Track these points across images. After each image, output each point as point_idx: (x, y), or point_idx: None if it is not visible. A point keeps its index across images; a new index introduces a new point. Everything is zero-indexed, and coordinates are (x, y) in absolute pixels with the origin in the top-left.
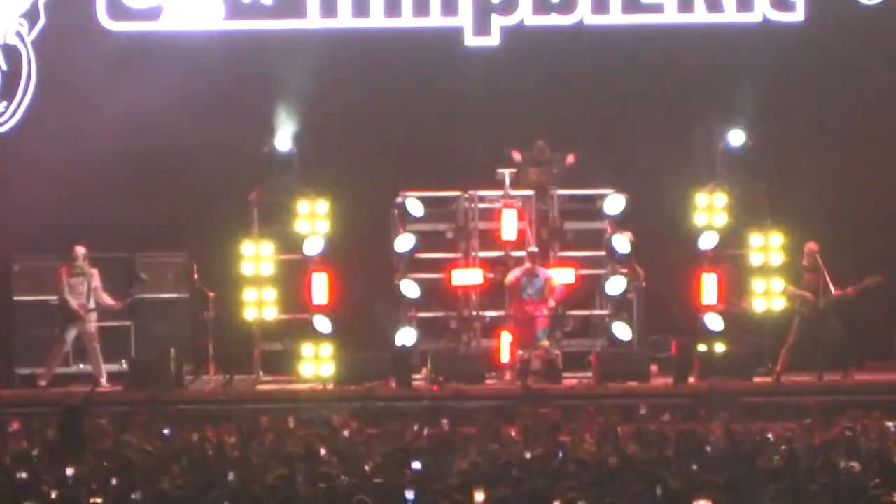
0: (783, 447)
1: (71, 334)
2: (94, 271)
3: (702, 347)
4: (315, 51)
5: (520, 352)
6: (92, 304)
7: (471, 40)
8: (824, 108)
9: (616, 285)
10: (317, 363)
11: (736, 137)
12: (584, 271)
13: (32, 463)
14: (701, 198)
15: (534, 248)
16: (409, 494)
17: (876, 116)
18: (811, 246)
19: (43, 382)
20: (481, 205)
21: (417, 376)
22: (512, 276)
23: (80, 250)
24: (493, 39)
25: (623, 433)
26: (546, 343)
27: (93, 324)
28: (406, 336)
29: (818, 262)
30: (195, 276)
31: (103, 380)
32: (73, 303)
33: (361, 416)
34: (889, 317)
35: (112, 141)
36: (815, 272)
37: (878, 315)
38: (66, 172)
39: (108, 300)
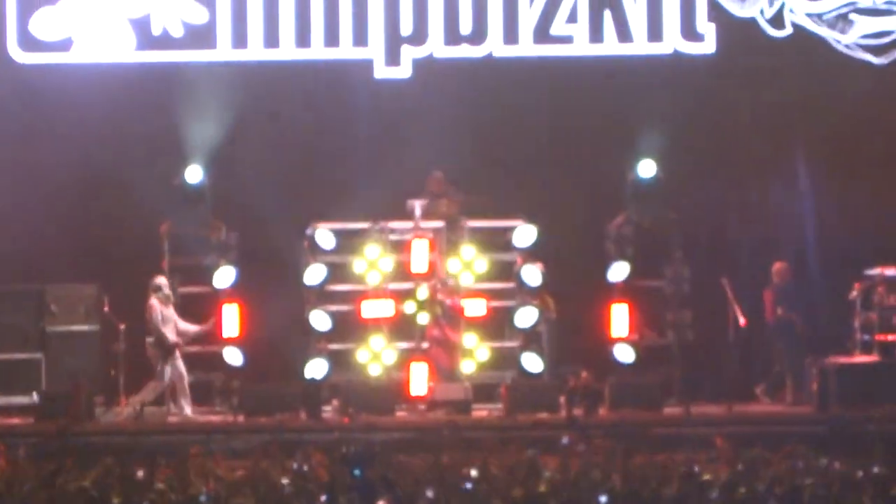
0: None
1: (168, 370)
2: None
3: (612, 379)
4: (226, 82)
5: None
6: (179, 340)
7: (381, 72)
8: (733, 140)
9: (526, 317)
10: (227, 395)
11: (646, 169)
12: (494, 303)
13: None
14: (611, 229)
15: (450, 279)
16: None
17: (785, 148)
18: (779, 266)
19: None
20: (392, 236)
21: (327, 408)
22: (449, 298)
23: (164, 280)
24: (403, 71)
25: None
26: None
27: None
28: (316, 368)
29: (728, 295)
30: (106, 308)
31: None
32: (170, 336)
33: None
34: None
35: (22, 173)
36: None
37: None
38: None
39: (188, 328)
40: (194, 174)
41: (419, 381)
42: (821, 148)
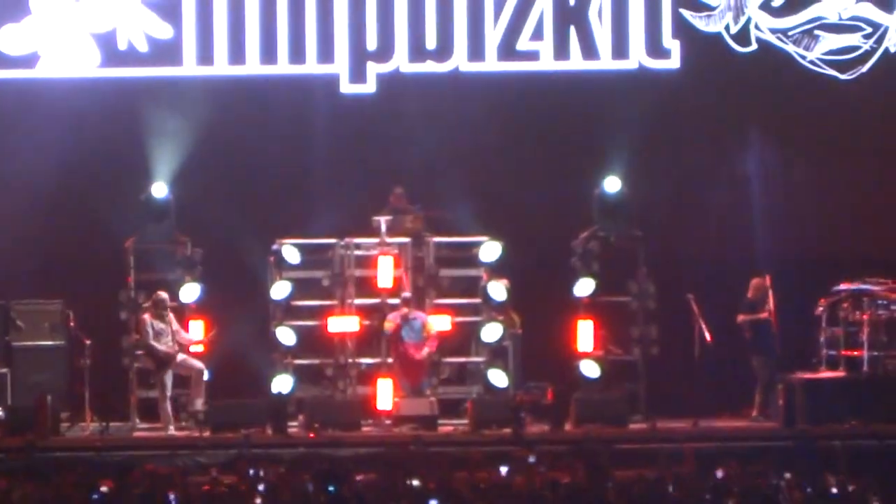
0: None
1: (167, 378)
2: (170, 315)
3: (577, 394)
4: (192, 98)
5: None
6: (175, 349)
7: (347, 87)
8: (698, 156)
9: (492, 332)
10: (193, 410)
11: (612, 184)
12: (459, 318)
13: None
14: (577, 245)
15: (407, 294)
16: None
17: (748, 164)
18: (757, 281)
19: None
20: (357, 252)
21: (293, 423)
22: (390, 324)
23: (164, 295)
24: (369, 87)
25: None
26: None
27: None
28: (282, 383)
29: (694, 311)
30: (71, 323)
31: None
32: (161, 347)
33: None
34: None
35: None
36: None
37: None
38: None
39: (191, 338)
40: (160, 190)
41: (385, 396)
42: (785, 164)
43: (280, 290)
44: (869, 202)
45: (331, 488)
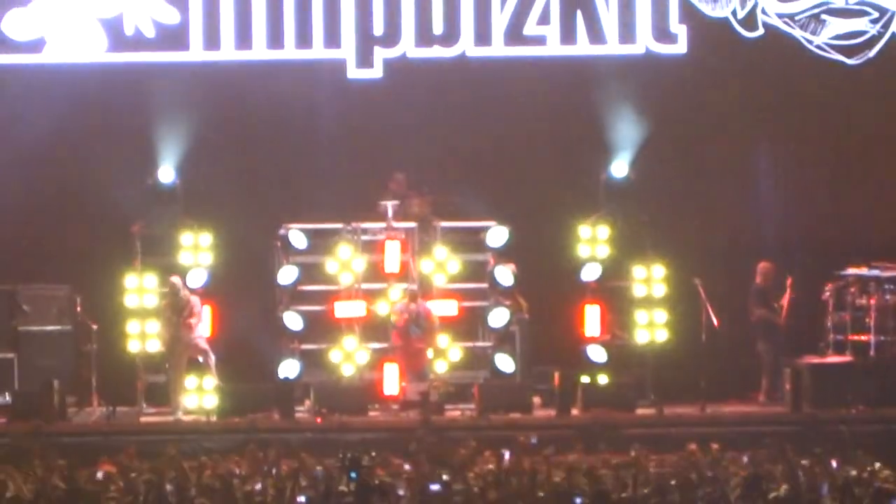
0: None
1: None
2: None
3: (585, 379)
4: (198, 82)
5: (413, 384)
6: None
7: (353, 73)
8: (705, 141)
9: (499, 317)
10: (200, 395)
11: (619, 169)
12: (466, 303)
13: None
14: (584, 230)
15: (413, 286)
16: None
17: (755, 149)
18: (764, 265)
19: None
20: (364, 237)
21: (300, 408)
22: (399, 315)
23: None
24: (375, 72)
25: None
26: (435, 376)
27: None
28: (289, 368)
29: (701, 295)
30: (78, 308)
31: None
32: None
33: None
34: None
35: None
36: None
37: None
38: None
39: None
40: (166, 174)
41: (391, 381)
42: (792, 148)
43: (287, 274)
44: (876, 186)
45: (353, 475)
